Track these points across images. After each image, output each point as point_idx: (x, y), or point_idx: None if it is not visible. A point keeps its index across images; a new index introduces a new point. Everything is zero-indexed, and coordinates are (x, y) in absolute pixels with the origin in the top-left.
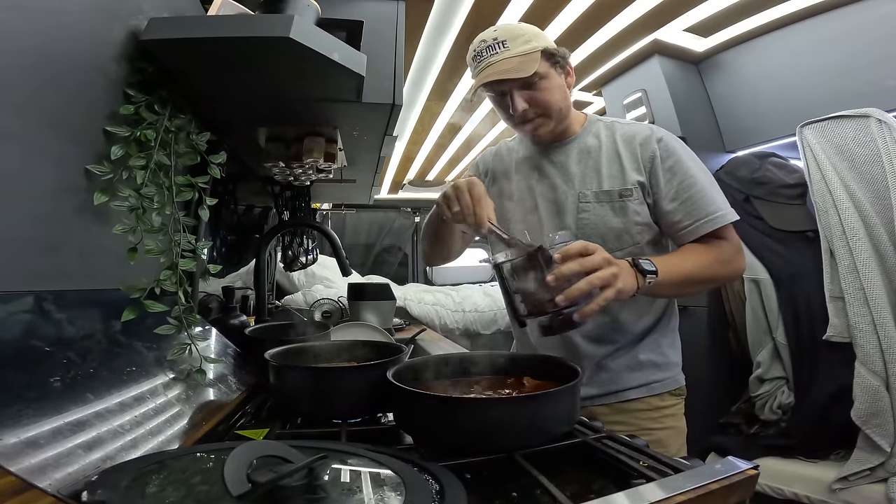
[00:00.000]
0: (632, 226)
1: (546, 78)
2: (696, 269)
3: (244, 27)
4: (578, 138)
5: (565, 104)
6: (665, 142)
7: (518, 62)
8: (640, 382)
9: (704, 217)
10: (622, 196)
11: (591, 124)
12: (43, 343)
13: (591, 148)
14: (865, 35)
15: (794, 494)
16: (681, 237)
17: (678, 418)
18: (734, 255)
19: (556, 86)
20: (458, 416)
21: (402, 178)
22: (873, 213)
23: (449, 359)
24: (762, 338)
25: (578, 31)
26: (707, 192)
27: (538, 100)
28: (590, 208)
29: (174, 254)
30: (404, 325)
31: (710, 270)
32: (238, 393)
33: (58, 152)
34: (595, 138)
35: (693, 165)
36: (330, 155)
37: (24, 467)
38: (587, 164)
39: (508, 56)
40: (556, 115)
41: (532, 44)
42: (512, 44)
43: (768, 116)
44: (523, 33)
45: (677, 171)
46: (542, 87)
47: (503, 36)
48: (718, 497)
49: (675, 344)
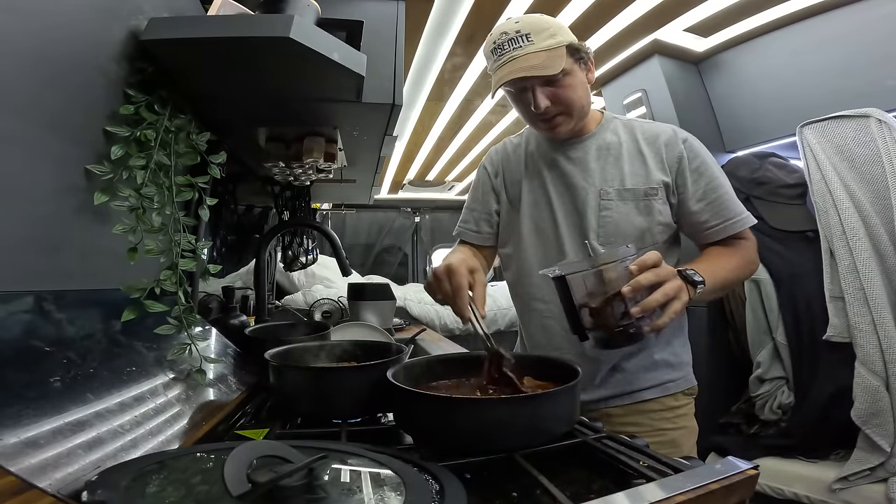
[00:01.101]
0: (654, 225)
1: (570, 74)
2: (731, 274)
3: (244, 27)
4: (596, 135)
5: (587, 102)
6: (690, 143)
7: (545, 58)
8: (655, 382)
9: (733, 217)
10: (647, 195)
11: (609, 121)
12: (43, 343)
13: (611, 144)
14: (865, 35)
15: (794, 494)
16: (706, 237)
17: (690, 418)
18: (755, 254)
19: (580, 82)
20: (457, 416)
21: (402, 178)
22: (873, 213)
23: (449, 359)
24: (762, 338)
25: (578, 31)
26: (731, 195)
27: (561, 97)
28: (612, 206)
29: (174, 254)
30: (404, 325)
31: (741, 272)
32: (238, 393)
33: (58, 152)
34: (614, 135)
35: (716, 167)
36: (330, 155)
37: (24, 467)
38: (607, 161)
39: (534, 51)
40: (577, 114)
41: (557, 38)
42: (536, 38)
43: (768, 116)
44: (548, 27)
45: (703, 171)
46: (566, 84)
47: (527, 29)
48: (718, 497)
49: (686, 343)
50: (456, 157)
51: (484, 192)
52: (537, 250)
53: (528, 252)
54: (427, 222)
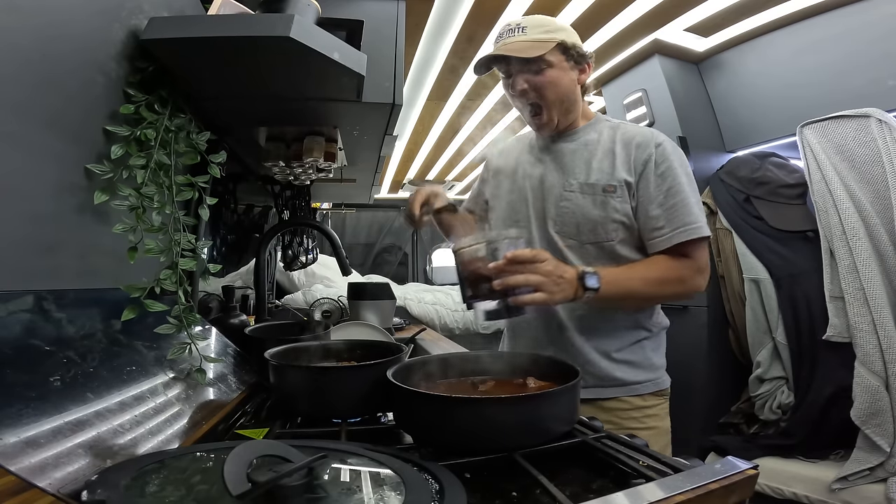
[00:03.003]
0: (608, 221)
1: (553, 67)
2: (646, 287)
3: (244, 27)
4: (581, 132)
5: (569, 98)
6: (663, 147)
7: (528, 45)
8: (619, 382)
9: (682, 226)
10: (605, 191)
11: (597, 122)
12: (43, 343)
13: (590, 142)
14: (865, 35)
15: (793, 494)
16: (655, 244)
17: (661, 419)
18: (693, 274)
19: (564, 78)
20: (458, 416)
21: (402, 178)
22: (873, 213)
23: (449, 359)
24: (762, 338)
25: (579, 31)
26: (690, 204)
27: (538, 85)
28: (572, 197)
29: (174, 253)
30: (404, 325)
31: (662, 289)
32: (238, 392)
33: (58, 152)
34: (596, 133)
35: (684, 176)
36: (330, 154)
37: (24, 467)
38: (580, 156)
39: (522, 39)
40: (556, 107)
41: (551, 34)
42: (531, 31)
43: (768, 116)
44: (547, 24)
45: (668, 176)
46: (547, 76)
47: (526, 23)
48: (718, 497)
49: (659, 348)
50: (456, 157)
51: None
52: None
53: None
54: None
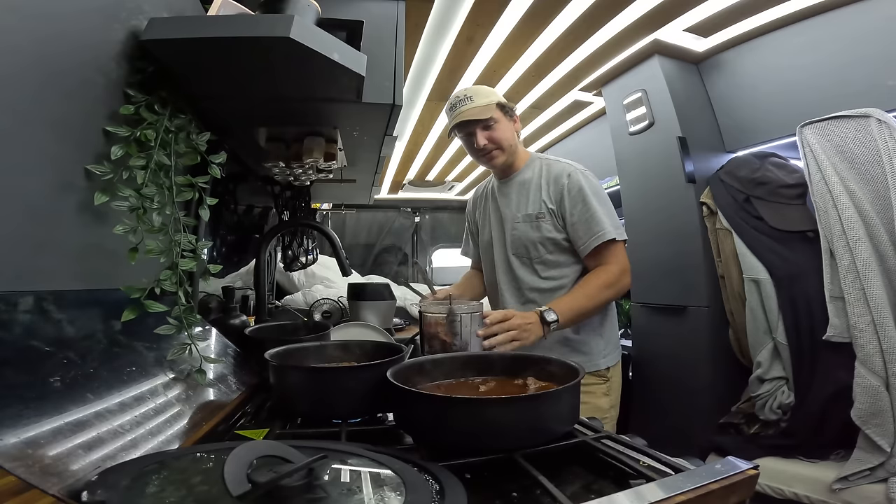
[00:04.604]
0: (544, 240)
1: (499, 122)
2: (590, 301)
3: (244, 27)
4: (520, 173)
5: (514, 142)
6: (573, 177)
7: (480, 110)
8: None
9: (594, 235)
10: (537, 217)
11: (533, 161)
12: (43, 343)
13: (526, 180)
14: (865, 35)
15: (794, 494)
16: (582, 251)
17: (597, 396)
18: (620, 276)
19: (508, 128)
20: (458, 416)
21: (402, 178)
22: (873, 213)
23: (449, 359)
24: (762, 338)
25: (578, 30)
26: (598, 217)
27: (494, 137)
28: (518, 226)
29: (174, 254)
30: (404, 325)
31: (599, 298)
32: (238, 393)
33: (58, 152)
34: (531, 172)
35: (592, 196)
36: (330, 155)
37: (24, 467)
38: (521, 194)
39: (473, 106)
40: (507, 150)
41: (490, 98)
42: (477, 99)
43: (768, 116)
44: (486, 93)
45: (578, 200)
46: (497, 129)
47: (471, 93)
48: (718, 497)
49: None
50: (456, 157)
51: (468, 222)
52: (486, 264)
53: (486, 266)
54: (427, 222)
